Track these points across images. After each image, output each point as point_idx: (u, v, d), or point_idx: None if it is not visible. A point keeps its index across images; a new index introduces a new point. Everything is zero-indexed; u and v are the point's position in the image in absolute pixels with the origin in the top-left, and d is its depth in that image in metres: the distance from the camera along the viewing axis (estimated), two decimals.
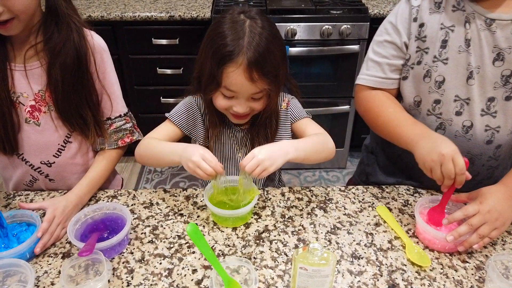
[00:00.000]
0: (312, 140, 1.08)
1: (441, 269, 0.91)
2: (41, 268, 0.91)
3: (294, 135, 1.18)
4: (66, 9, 1.02)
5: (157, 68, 2.37)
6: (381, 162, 1.31)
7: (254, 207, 1.07)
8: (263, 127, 1.14)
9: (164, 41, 2.30)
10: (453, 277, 0.88)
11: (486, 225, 0.91)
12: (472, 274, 0.89)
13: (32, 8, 0.98)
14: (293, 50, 2.26)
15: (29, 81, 1.05)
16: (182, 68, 2.36)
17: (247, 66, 0.96)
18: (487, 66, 1.01)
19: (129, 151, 1.25)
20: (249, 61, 0.95)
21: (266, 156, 0.93)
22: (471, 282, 0.87)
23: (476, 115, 1.05)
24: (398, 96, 1.17)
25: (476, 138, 1.07)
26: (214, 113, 1.12)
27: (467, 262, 0.92)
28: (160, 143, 1.08)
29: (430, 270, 0.90)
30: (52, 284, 0.87)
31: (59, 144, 1.13)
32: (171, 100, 2.46)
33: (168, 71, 2.38)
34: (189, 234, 0.81)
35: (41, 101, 1.08)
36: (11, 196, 1.12)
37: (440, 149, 0.91)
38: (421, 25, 1.06)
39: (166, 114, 1.16)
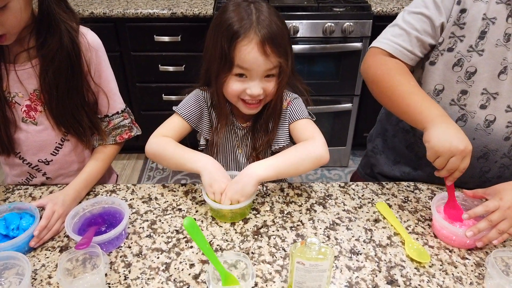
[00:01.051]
0: (288, 154, 1.04)
1: (441, 265, 0.90)
2: (39, 261, 0.91)
3: (292, 136, 1.15)
4: (59, 14, 1.00)
5: (159, 65, 2.37)
6: (388, 151, 1.29)
7: (253, 202, 1.06)
8: (264, 125, 1.13)
9: (166, 38, 2.30)
10: (452, 274, 0.88)
11: (505, 221, 0.90)
12: (472, 271, 0.88)
13: (24, 22, 0.96)
14: (296, 47, 2.25)
15: (21, 82, 1.04)
16: (184, 66, 2.36)
17: (260, 40, 0.96)
18: None
19: (131, 148, 1.26)
20: (261, 35, 0.96)
21: (234, 191, 0.97)
22: (471, 279, 0.87)
23: (501, 110, 1.03)
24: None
25: (496, 133, 1.05)
26: (224, 104, 1.11)
27: (467, 258, 0.91)
28: (177, 148, 1.07)
29: (430, 266, 0.89)
30: (50, 277, 0.87)
31: (56, 142, 1.13)
32: (173, 97, 2.46)
33: (170, 68, 2.38)
34: (186, 228, 0.80)
35: (36, 101, 1.07)
36: (10, 190, 1.12)
37: (460, 141, 0.88)
38: (463, 11, 1.01)
39: (174, 108, 1.15)
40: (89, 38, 1.08)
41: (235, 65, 1.00)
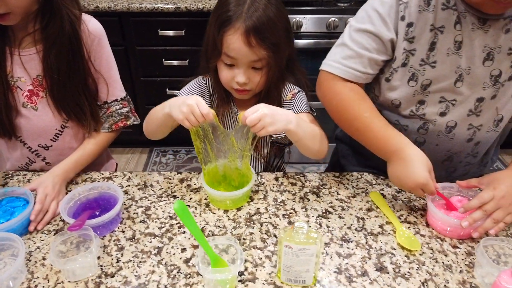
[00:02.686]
0: (312, 127, 1.06)
1: (431, 253, 0.90)
2: (34, 243, 0.93)
3: None
4: (61, 0, 1.02)
5: (163, 59, 2.39)
6: (355, 153, 1.28)
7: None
8: None
9: (170, 33, 2.32)
10: (442, 262, 0.88)
11: (500, 210, 0.90)
12: (462, 259, 0.88)
13: (27, 2, 0.98)
14: (299, 42, 2.26)
15: (25, 67, 1.06)
16: (188, 60, 2.38)
17: (244, 30, 0.97)
18: (478, 67, 0.98)
19: (135, 142, 1.27)
20: (246, 25, 0.97)
21: (270, 113, 0.91)
22: (461, 267, 0.86)
23: (463, 115, 1.03)
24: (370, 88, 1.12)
25: (458, 137, 1.05)
26: (222, 90, 1.12)
27: (458, 247, 0.91)
28: (157, 106, 1.05)
29: (420, 254, 0.89)
30: (44, 259, 0.89)
31: (56, 128, 1.15)
32: (177, 91, 2.46)
33: (174, 63, 2.39)
34: (176, 211, 0.81)
35: (39, 86, 1.09)
36: (9, 175, 1.14)
37: (407, 179, 0.91)
38: (410, 25, 0.97)
39: (176, 92, 1.16)
40: (91, 25, 1.10)
41: (222, 53, 1.02)
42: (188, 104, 0.91)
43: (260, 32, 0.98)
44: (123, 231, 0.96)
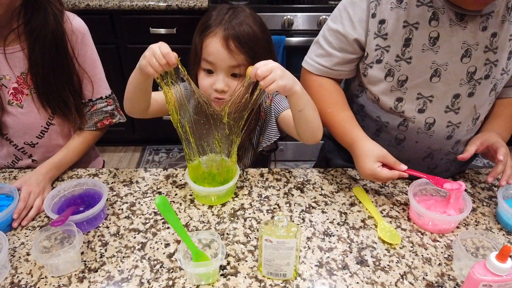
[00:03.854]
0: (314, 104, 1.00)
1: (411, 247, 0.91)
2: (18, 239, 0.93)
3: (283, 128, 1.14)
4: None
5: None
6: (340, 148, 1.28)
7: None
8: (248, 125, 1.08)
9: (162, 31, 2.32)
10: (422, 255, 0.89)
11: None
12: (442, 253, 0.89)
13: None
14: (291, 40, 2.27)
15: (9, 64, 1.07)
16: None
17: (223, 35, 0.98)
18: (455, 63, 0.99)
19: (128, 141, 1.27)
20: (226, 31, 0.98)
21: (280, 67, 0.88)
22: (440, 260, 0.88)
23: (440, 112, 1.04)
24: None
25: (438, 134, 1.07)
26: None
27: (438, 241, 0.92)
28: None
29: (400, 248, 0.91)
30: (28, 254, 0.89)
31: (42, 126, 1.15)
32: None
33: None
34: (158, 206, 0.82)
35: (23, 84, 1.10)
36: None
37: (361, 172, 1.00)
38: (382, 22, 0.99)
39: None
40: (75, 22, 1.11)
41: (202, 59, 1.02)
42: (150, 48, 0.89)
43: (239, 38, 0.99)
44: (108, 227, 0.96)
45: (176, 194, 1.06)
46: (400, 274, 0.84)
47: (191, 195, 1.06)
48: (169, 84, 0.93)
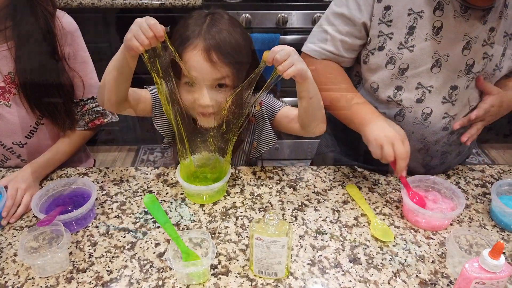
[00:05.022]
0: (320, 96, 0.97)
1: (405, 244, 0.90)
2: (6, 240, 0.91)
3: (282, 127, 1.10)
4: None
5: None
6: (341, 145, 1.29)
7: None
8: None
9: None
10: (415, 253, 0.88)
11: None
12: (435, 250, 0.88)
13: None
14: (285, 38, 2.25)
15: None
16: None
17: (204, 46, 0.92)
18: (456, 55, 0.99)
19: (122, 141, 1.25)
20: (206, 42, 0.92)
21: (296, 52, 0.85)
22: (433, 257, 0.87)
23: (437, 102, 1.03)
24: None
25: (434, 125, 1.06)
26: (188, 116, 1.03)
27: (431, 238, 0.91)
28: None
29: (393, 245, 0.90)
30: (15, 255, 0.88)
31: (31, 125, 1.13)
32: None
33: None
34: (146, 204, 0.81)
35: (11, 83, 1.08)
36: None
37: (394, 129, 0.94)
38: (387, 8, 0.98)
39: (146, 86, 1.10)
40: (64, 21, 1.09)
41: (182, 75, 0.96)
42: (135, 21, 0.83)
43: (220, 48, 0.93)
44: (97, 227, 0.95)
45: (167, 193, 1.05)
46: (393, 272, 0.83)
47: (182, 193, 1.05)
48: (160, 74, 0.91)
